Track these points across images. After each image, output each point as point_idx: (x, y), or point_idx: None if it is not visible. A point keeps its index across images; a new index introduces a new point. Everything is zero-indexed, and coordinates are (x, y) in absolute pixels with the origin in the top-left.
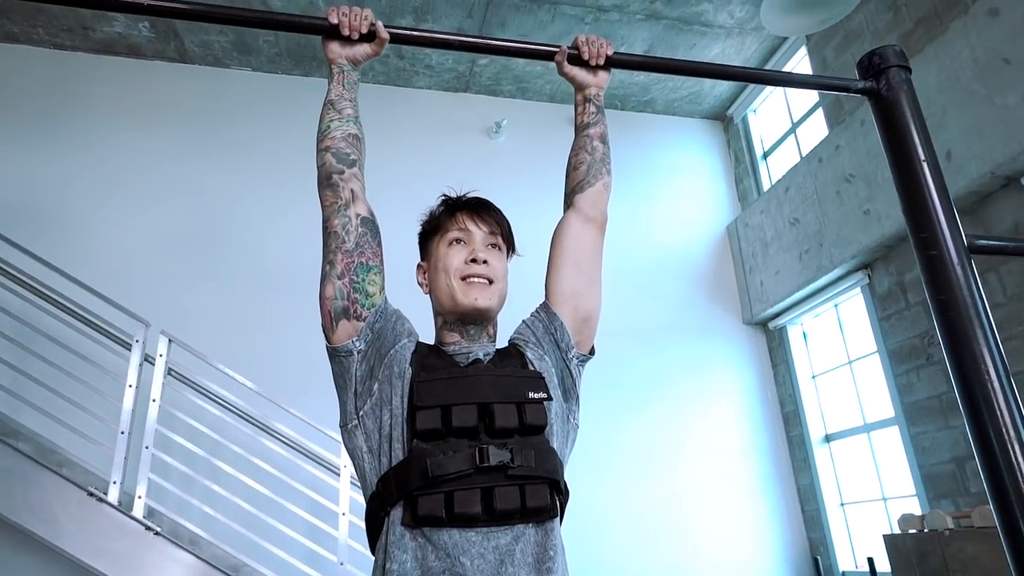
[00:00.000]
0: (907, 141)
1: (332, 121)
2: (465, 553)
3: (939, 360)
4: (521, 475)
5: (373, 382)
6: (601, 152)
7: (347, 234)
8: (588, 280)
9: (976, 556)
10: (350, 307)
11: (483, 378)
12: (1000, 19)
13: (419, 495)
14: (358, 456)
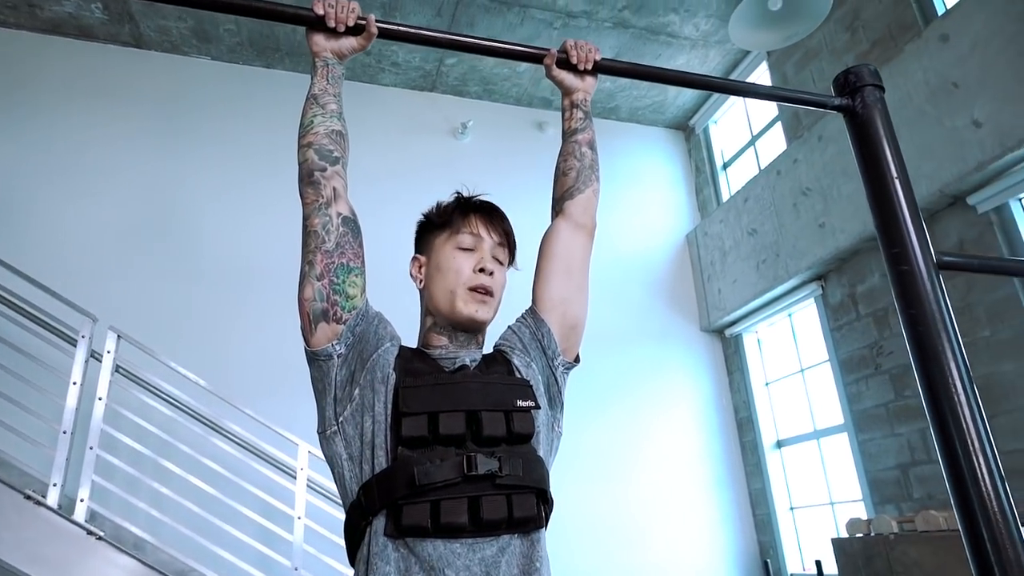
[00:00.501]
0: (880, 158)
1: (315, 116)
2: (450, 566)
3: (887, 370)
4: (509, 484)
5: (354, 387)
6: (590, 159)
7: (327, 234)
8: (577, 287)
9: (919, 559)
10: (329, 309)
11: (471, 385)
12: (950, 45)
13: (404, 504)
14: (337, 463)
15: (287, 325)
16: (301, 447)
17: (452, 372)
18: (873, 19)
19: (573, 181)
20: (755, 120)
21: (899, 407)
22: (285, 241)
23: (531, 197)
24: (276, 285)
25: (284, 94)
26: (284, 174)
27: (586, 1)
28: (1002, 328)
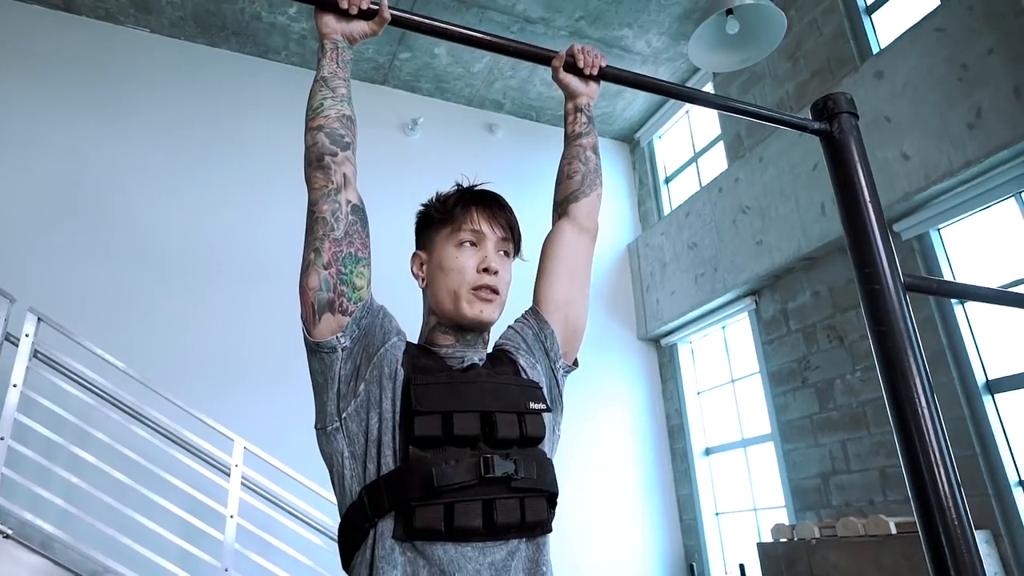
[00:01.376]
0: (854, 182)
1: (325, 99)
2: (461, 570)
3: (813, 383)
4: (524, 487)
5: (359, 382)
6: (594, 163)
7: (336, 221)
8: (579, 289)
9: (837, 563)
10: (336, 300)
11: (484, 385)
12: (884, 81)
13: (417, 506)
14: (337, 462)
15: (227, 313)
16: (237, 443)
17: (463, 370)
18: (814, 51)
19: (578, 185)
20: (698, 138)
21: (823, 419)
22: (221, 224)
23: None
24: (218, 270)
25: (227, 75)
26: (222, 155)
27: (544, 8)
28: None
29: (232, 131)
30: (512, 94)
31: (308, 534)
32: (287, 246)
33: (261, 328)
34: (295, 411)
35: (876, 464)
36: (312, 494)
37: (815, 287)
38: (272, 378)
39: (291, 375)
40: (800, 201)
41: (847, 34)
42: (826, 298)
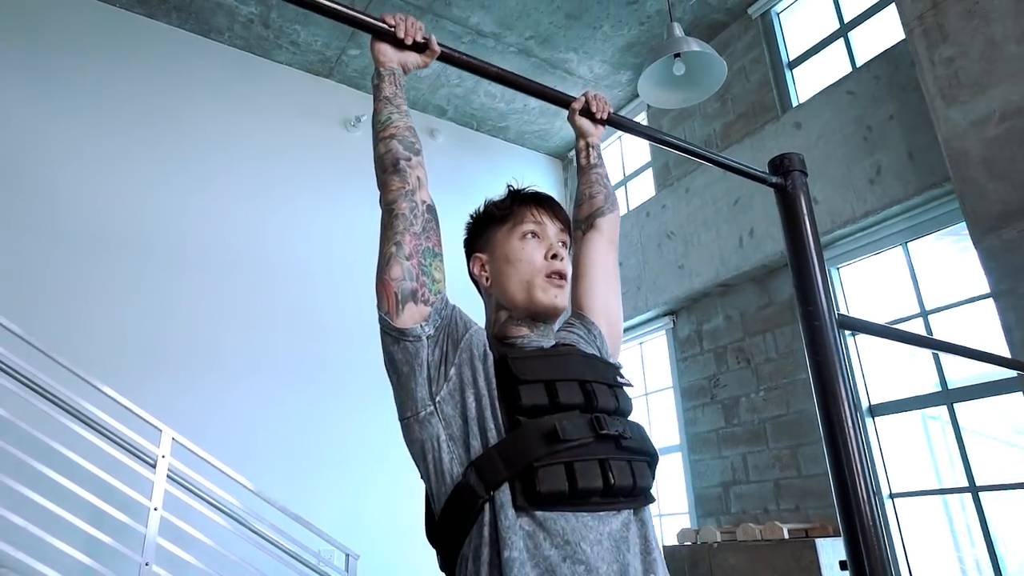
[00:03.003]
0: (802, 231)
1: (392, 114)
2: (584, 539)
3: (720, 400)
4: (632, 447)
5: (448, 367)
6: (610, 187)
7: (415, 218)
8: (615, 294)
9: (735, 564)
10: (418, 290)
11: (577, 357)
12: (802, 131)
13: (539, 466)
14: (432, 447)
15: (161, 299)
16: (165, 433)
17: (554, 348)
18: (741, 96)
19: (603, 203)
20: (629, 163)
21: (727, 433)
22: (154, 205)
23: None
24: (151, 254)
25: (163, 49)
26: (155, 133)
27: (497, 24)
28: None
29: (166, 109)
30: (456, 102)
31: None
32: (223, 231)
33: (197, 317)
34: (228, 405)
35: (772, 476)
36: (241, 490)
37: (728, 312)
38: (206, 369)
39: (226, 367)
40: (721, 232)
41: (771, 84)
42: (737, 323)
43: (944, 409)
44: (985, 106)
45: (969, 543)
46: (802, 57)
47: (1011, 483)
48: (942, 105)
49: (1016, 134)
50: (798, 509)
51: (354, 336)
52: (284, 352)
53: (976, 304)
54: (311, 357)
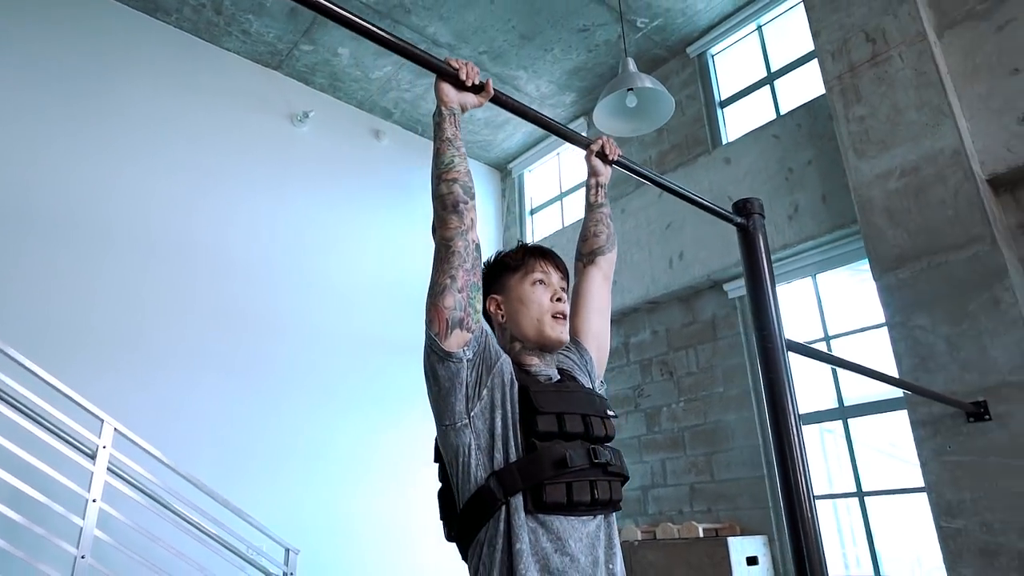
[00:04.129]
0: (760, 267)
1: (455, 157)
2: (571, 537)
3: (643, 409)
4: (614, 472)
5: (482, 388)
6: (612, 228)
7: (467, 255)
8: (606, 323)
9: (654, 561)
10: (465, 319)
11: (581, 394)
12: (730, 167)
13: (547, 483)
14: (463, 453)
15: (98, 288)
16: (107, 424)
17: (558, 382)
18: (676, 128)
19: (604, 242)
20: (566, 179)
21: (648, 440)
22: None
23: (361, 202)
24: (97, 237)
25: (105, 23)
26: (87, 107)
27: (453, 36)
28: (732, 387)
29: (101, 84)
30: (404, 106)
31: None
32: (171, 217)
33: (139, 309)
34: (171, 399)
35: (688, 480)
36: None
37: (655, 327)
38: (149, 362)
39: (169, 360)
40: (653, 253)
41: (704, 120)
42: (663, 338)
43: (839, 424)
44: (888, 162)
45: (852, 542)
46: (733, 98)
47: (890, 489)
48: (853, 156)
49: (912, 189)
50: (710, 511)
51: (298, 335)
52: (229, 348)
53: (872, 332)
54: (256, 354)
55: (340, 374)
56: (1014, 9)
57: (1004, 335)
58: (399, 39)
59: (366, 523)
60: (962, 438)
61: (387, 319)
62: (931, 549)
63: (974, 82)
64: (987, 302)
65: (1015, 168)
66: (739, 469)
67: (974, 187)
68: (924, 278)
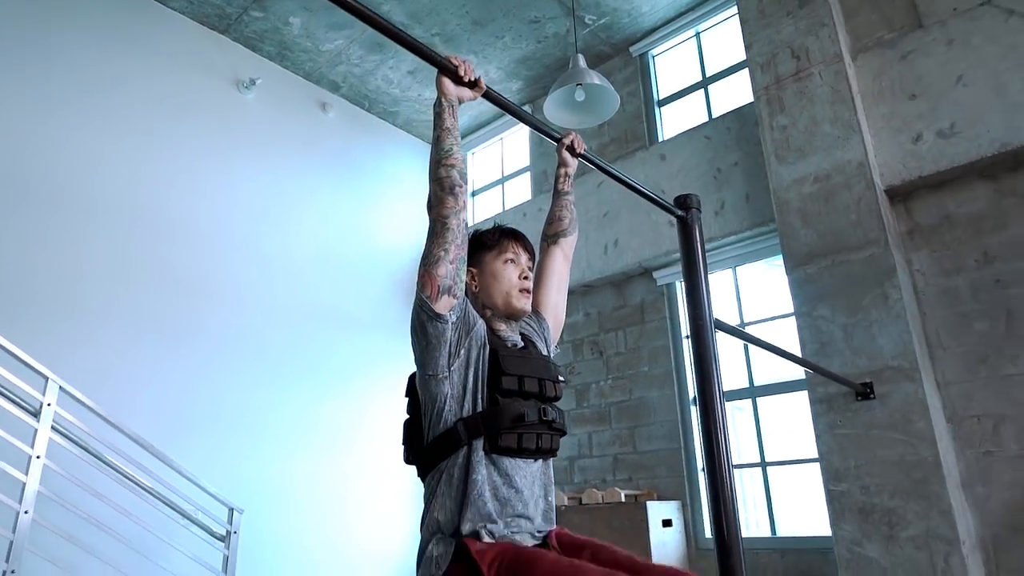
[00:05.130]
0: (696, 255)
1: (453, 145)
2: (517, 474)
3: (574, 385)
4: (557, 428)
5: (461, 347)
6: (574, 214)
7: (459, 232)
8: (563, 297)
9: (579, 524)
10: (453, 286)
11: (539, 360)
12: (665, 163)
13: (503, 432)
14: (440, 400)
15: (38, 242)
16: (51, 382)
17: (522, 349)
18: (617, 123)
19: (567, 225)
20: (508, 164)
21: (577, 414)
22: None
23: (306, 174)
24: (18, 191)
25: None
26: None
27: (407, 16)
28: (656, 367)
29: (38, 39)
30: (352, 80)
31: (114, 479)
32: (113, 177)
33: (92, 268)
34: (117, 359)
35: (612, 452)
36: (127, 443)
37: (587, 309)
38: (97, 323)
39: (115, 320)
40: (590, 240)
41: (643, 117)
42: (595, 319)
43: (749, 401)
44: (804, 168)
45: (754, 506)
46: (670, 98)
47: (789, 460)
48: (775, 162)
49: (822, 195)
50: (631, 479)
51: (240, 302)
52: (172, 311)
53: (781, 320)
54: (200, 319)
55: (282, 344)
56: (915, 42)
57: (890, 326)
58: (406, 34)
59: (306, 488)
60: (850, 414)
61: (330, 292)
62: (819, 510)
63: (879, 103)
64: (878, 297)
65: (908, 182)
66: (659, 442)
67: (874, 196)
68: (828, 274)
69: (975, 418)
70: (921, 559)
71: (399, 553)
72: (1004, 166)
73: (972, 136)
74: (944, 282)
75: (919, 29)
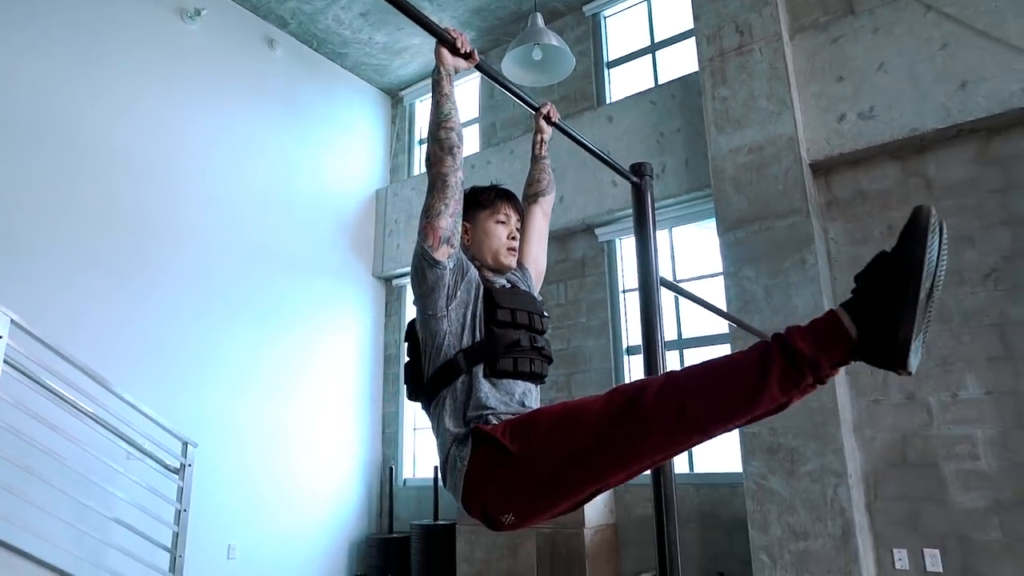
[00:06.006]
0: (647, 218)
1: (451, 110)
2: (513, 392)
3: None
4: (545, 355)
5: (458, 289)
6: (551, 176)
7: (457, 189)
8: (543, 250)
9: None
10: (452, 237)
11: (528, 297)
12: (612, 124)
13: (500, 357)
14: (440, 335)
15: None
16: (3, 315)
17: (511, 287)
18: (567, 82)
19: (545, 186)
20: None
21: None
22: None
23: (251, 112)
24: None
25: None
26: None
27: None
28: (593, 319)
29: None
30: (301, 17)
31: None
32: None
33: (31, 200)
34: (70, 294)
35: (548, 396)
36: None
37: None
38: (49, 255)
39: (68, 255)
40: None
41: (592, 77)
42: None
43: (677, 353)
44: (740, 139)
45: None
46: (619, 60)
47: None
48: (714, 131)
49: (754, 165)
50: None
51: (184, 239)
52: (115, 242)
53: (710, 279)
54: (144, 255)
55: (228, 283)
56: (846, 27)
57: (805, 288)
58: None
59: (253, 425)
60: None
61: (276, 234)
62: (731, 450)
63: (811, 82)
64: (796, 262)
65: (831, 157)
66: (592, 388)
67: (800, 169)
68: (755, 239)
69: (869, 371)
70: (815, 490)
71: (337, 488)
72: (912, 148)
73: (887, 119)
74: (854, 250)
75: (851, 15)
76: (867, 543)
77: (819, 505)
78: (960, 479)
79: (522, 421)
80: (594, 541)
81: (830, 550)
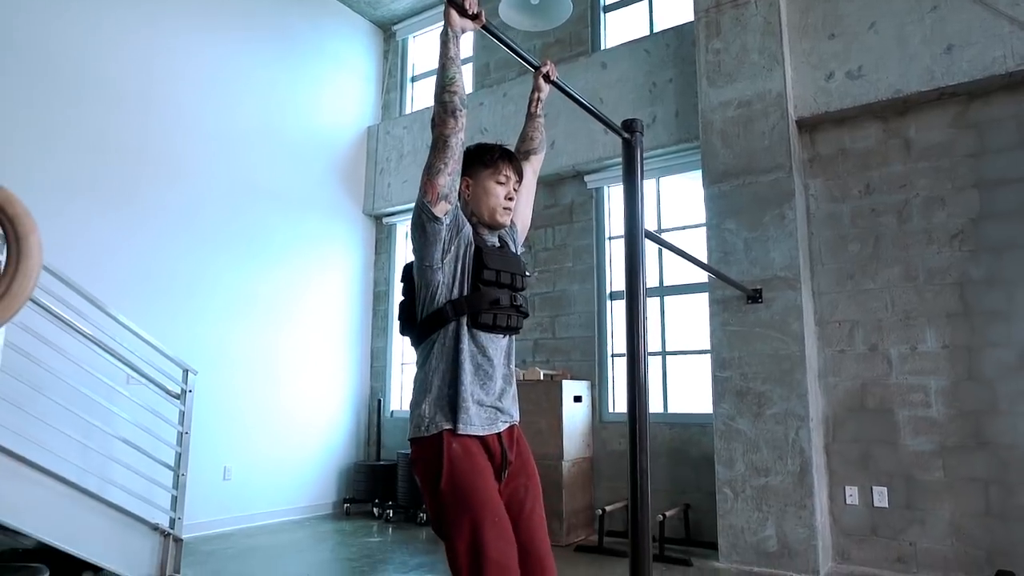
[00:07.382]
0: (636, 173)
1: (456, 73)
2: (490, 346)
3: None
4: (523, 312)
5: (452, 244)
6: (544, 134)
7: (457, 149)
8: (529, 205)
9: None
10: (450, 194)
11: (512, 257)
12: (606, 71)
13: (483, 311)
14: (433, 284)
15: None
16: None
17: (500, 248)
18: (563, 25)
19: (537, 144)
20: None
21: None
22: None
23: (244, 45)
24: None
25: None
26: None
27: None
28: (579, 263)
29: None
30: None
31: (73, 340)
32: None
33: (26, 125)
34: (74, 225)
35: (533, 337)
36: (86, 307)
37: None
38: (51, 187)
39: (70, 187)
40: None
41: (587, 22)
42: None
43: (658, 299)
44: (731, 93)
45: (653, 388)
46: (615, 5)
47: (686, 350)
48: (706, 83)
49: (743, 119)
50: (548, 361)
51: (173, 165)
52: (106, 171)
53: (693, 229)
54: (136, 186)
55: (219, 215)
56: None
57: (783, 242)
58: None
59: (247, 355)
60: (741, 314)
61: (269, 169)
62: (703, 393)
63: (803, 38)
64: (776, 216)
65: (817, 115)
66: (575, 330)
67: (786, 126)
68: (738, 192)
69: (837, 323)
70: (778, 431)
71: (328, 418)
72: (894, 110)
73: (874, 80)
74: (831, 207)
75: None
76: (822, 480)
77: (781, 445)
78: (911, 424)
79: (461, 479)
80: (571, 472)
81: (788, 485)
